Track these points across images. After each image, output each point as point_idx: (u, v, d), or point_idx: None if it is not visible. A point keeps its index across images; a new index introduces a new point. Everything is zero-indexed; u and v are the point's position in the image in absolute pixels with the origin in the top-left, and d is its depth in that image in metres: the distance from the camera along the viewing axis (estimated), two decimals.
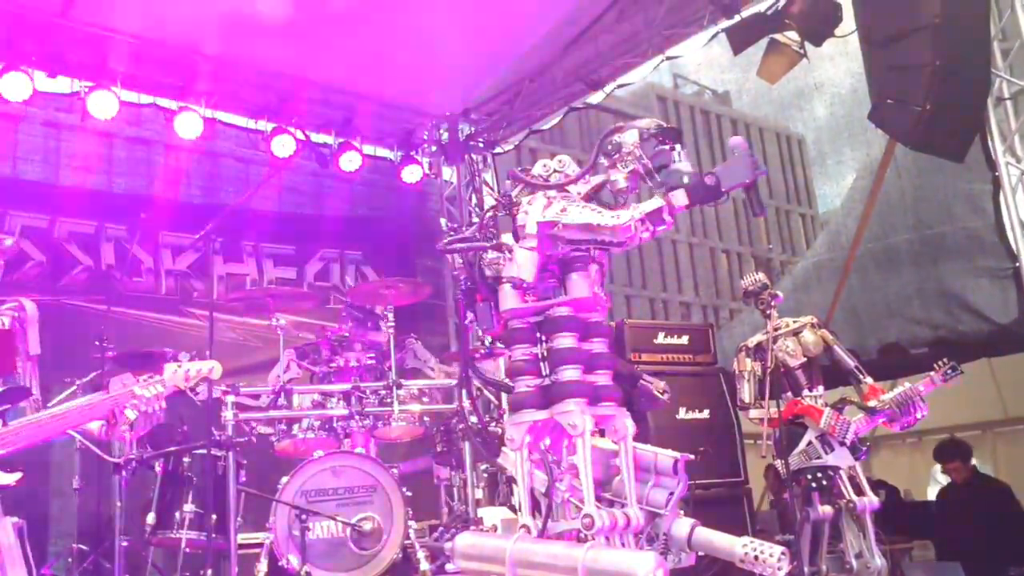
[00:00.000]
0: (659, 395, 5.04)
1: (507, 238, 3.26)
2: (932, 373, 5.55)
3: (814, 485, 5.37)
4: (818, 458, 5.46)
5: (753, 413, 5.72)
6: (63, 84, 7.44)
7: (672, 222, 3.05)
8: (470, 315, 3.41)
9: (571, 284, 3.22)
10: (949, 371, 5.48)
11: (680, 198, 3.02)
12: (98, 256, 8.06)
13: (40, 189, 7.83)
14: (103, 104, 7.33)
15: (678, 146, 3.15)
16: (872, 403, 5.51)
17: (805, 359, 5.70)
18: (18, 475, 3.81)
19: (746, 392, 5.76)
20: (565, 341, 3.15)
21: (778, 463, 5.47)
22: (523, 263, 3.17)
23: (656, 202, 3.02)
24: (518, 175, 3.38)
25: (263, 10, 6.99)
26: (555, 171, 3.37)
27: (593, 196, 3.31)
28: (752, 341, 5.81)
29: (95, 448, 4.68)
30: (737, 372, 5.85)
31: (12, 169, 7.78)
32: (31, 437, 3.84)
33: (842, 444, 5.43)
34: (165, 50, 7.60)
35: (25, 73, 6.98)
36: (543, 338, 3.21)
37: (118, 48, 7.39)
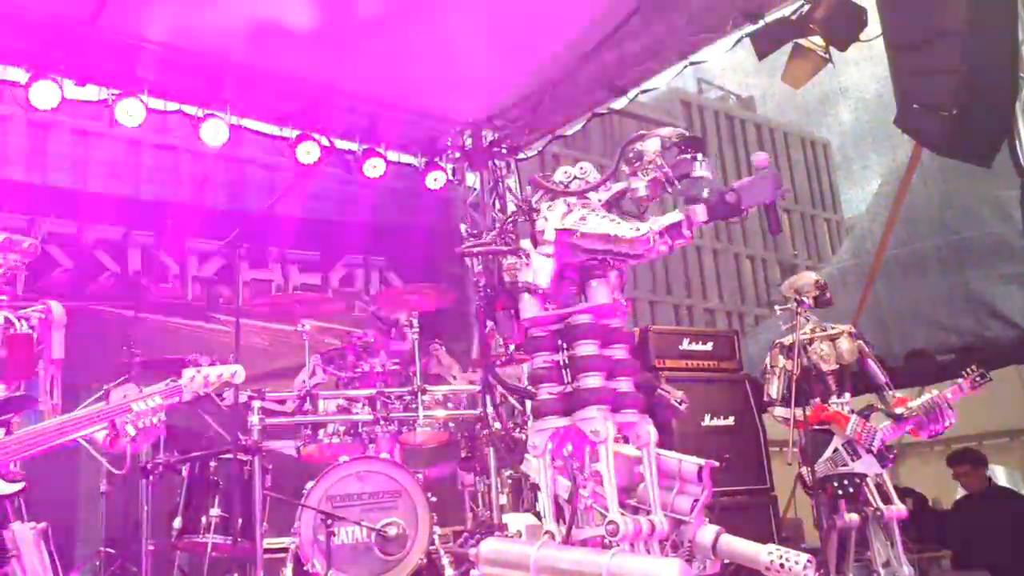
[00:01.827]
0: (677, 405, 5.01)
1: (526, 244, 3.26)
2: (960, 380, 5.50)
3: (840, 492, 5.33)
4: (844, 465, 5.43)
5: (778, 411, 5.69)
6: (91, 92, 7.51)
7: (691, 236, 3.05)
8: (490, 323, 3.42)
9: (591, 291, 3.22)
10: (978, 378, 5.44)
11: (700, 213, 3.01)
12: (125, 262, 8.16)
13: (68, 196, 7.93)
14: (131, 112, 7.40)
15: (700, 155, 3.14)
16: (899, 410, 5.48)
17: (837, 365, 5.66)
18: (20, 485, 3.85)
19: (774, 388, 5.73)
20: (586, 348, 3.15)
21: (804, 470, 5.43)
22: (539, 269, 3.18)
23: (675, 216, 3.02)
24: (539, 181, 3.38)
25: (289, 19, 7.05)
26: (576, 178, 3.37)
27: (614, 203, 3.31)
28: (787, 339, 5.77)
29: (100, 458, 4.67)
30: (768, 368, 5.82)
31: (41, 176, 7.88)
32: (34, 446, 3.86)
33: (869, 451, 5.39)
34: (191, 58, 7.66)
35: (54, 81, 7.06)
36: (564, 345, 3.20)
37: (145, 56, 7.45)
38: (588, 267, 3.23)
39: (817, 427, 5.53)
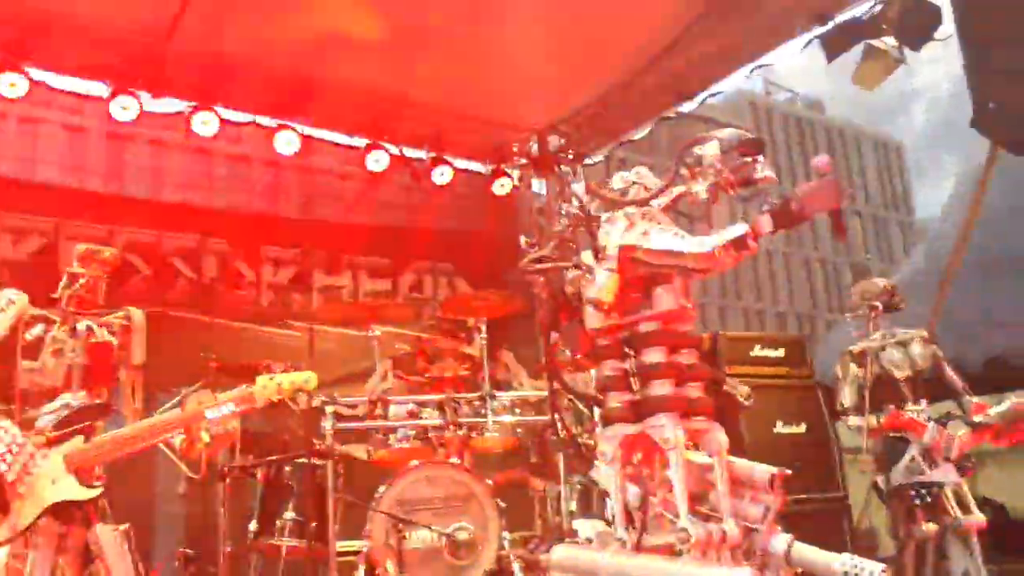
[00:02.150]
0: (743, 401, 4.95)
1: (587, 257, 3.25)
2: None
3: (917, 502, 5.20)
4: (921, 474, 5.30)
5: (852, 420, 5.59)
6: (167, 105, 7.73)
7: (756, 247, 2.98)
8: (554, 335, 3.42)
9: (657, 298, 3.18)
10: None
11: (765, 224, 2.95)
12: (201, 269, 8.36)
13: (146, 206, 8.15)
14: (206, 123, 7.60)
15: (761, 158, 3.10)
16: (978, 418, 5.33)
17: (911, 372, 5.54)
18: (99, 490, 3.97)
19: (846, 397, 5.63)
20: (654, 355, 3.14)
21: (879, 478, 5.33)
22: (603, 285, 3.15)
23: (740, 228, 2.95)
24: (596, 191, 3.37)
25: (358, 30, 7.17)
26: (634, 183, 3.36)
27: (672, 207, 3.29)
28: (858, 346, 5.67)
29: (178, 461, 4.81)
30: (839, 376, 5.72)
31: (120, 187, 8.13)
32: (112, 453, 3.99)
33: (946, 460, 5.26)
34: (264, 70, 7.82)
35: (133, 95, 7.28)
36: (631, 353, 3.18)
37: (220, 69, 7.64)
38: (653, 274, 3.20)
39: (893, 434, 5.41)
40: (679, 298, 3.20)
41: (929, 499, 5.19)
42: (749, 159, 3.10)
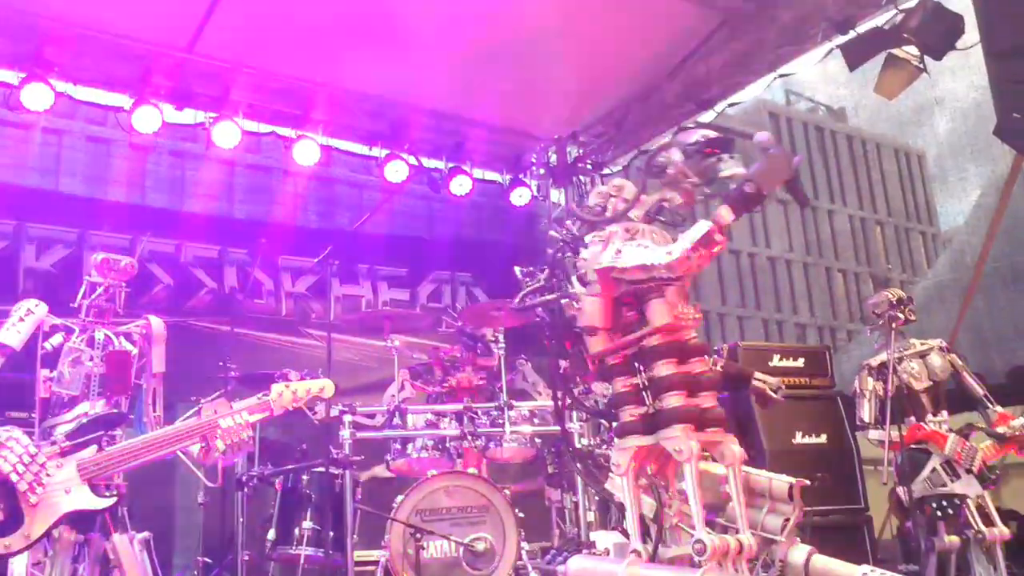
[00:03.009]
0: (772, 394, 4.89)
1: (577, 286, 3.26)
2: None
3: (939, 514, 5.14)
4: (943, 486, 5.24)
5: (872, 434, 5.54)
6: (189, 116, 7.80)
7: (726, 239, 2.98)
8: (563, 362, 3.42)
9: (651, 312, 3.17)
10: None
11: (725, 214, 2.95)
12: (221, 279, 8.42)
13: (167, 215, 8.24)
14: (226, 134, 7.65)
15: (726, 156, 3.10)
16: (1001, 429, 5.28)
17: (931, 383, 5.49)
18: (112, 500, 3.98)
19: (866, 412, 5.59)
20: (664, 368, 3.13)
21: (900, 490, 5.27)
22: (592, 311, 3.18)
23: (703, 227, 2.94)
24: (577, 212, 3.39)
25: (377, 41, 7.20)
26: (611, 196, 3.36)
27: (655, 215, 3.29)
28: (875, 360, 5.63)
29: (195, 470, 4.84)
30: (858, 391, 5.68)
31: (142, 197, 8.21)
32: (126, 462, 4.00)
33: (968, 472, 5.20)
34: (284, 81, 7.89)
35: (155, 106, 7.35)
36: (641, 368, 3.18)
37: (240, 80, 7.71)
38: (640, 290, 3.19)
39: (915, 446, 5.36)
40: (675, 308, 3.17)
41: (951, 511, 5.13)
42: (714, 158, 3.10)
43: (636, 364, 3.19)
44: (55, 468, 3.87)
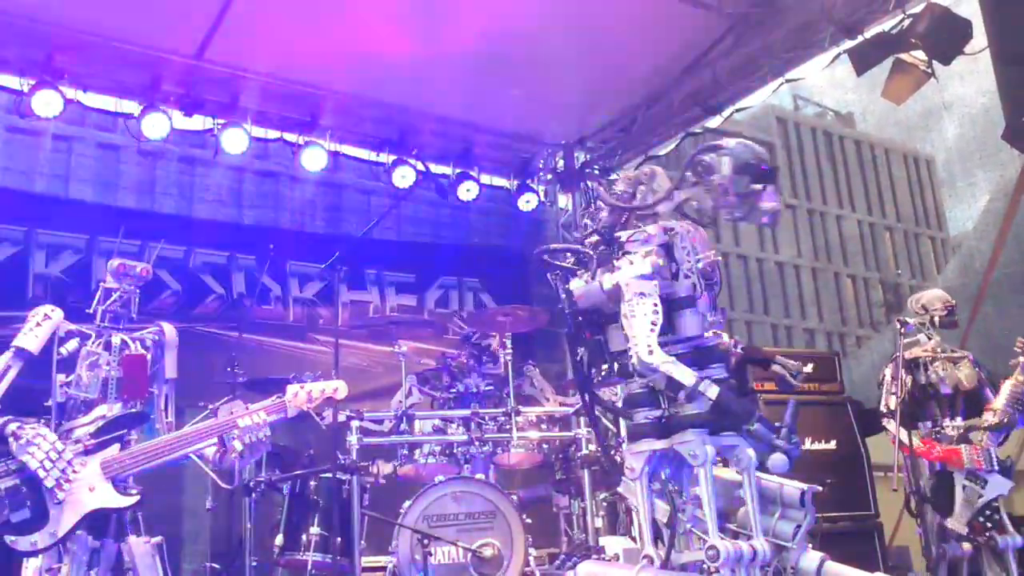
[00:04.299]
0: (791, 377, 4.84)
1: (608, 279, 3.22)
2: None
3: (990, 525, 5.11)
4: (980, 497, 5.21)
5: (890, 426, 5.50)
6: (198, 122, 7.82)
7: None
8: (581, 350, 3.40)
9: (681, 320, 3.16)
10: None
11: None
12: (230, 285, 8.42)
13: (176, 221, 8.27)
14: (235, 140, 7.67)
15: (770, 187, 3.09)
16: (989, 418, 5.26)
17: (954, 390, 5.46)
18: (135, 498, 3.99)
19: (893, 401, 5.54)
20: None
21: (948, 520, 5.23)
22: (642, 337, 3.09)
23: (688, 378, 3.00)
24: (605, 197, 3.36)
25: (385, 47, 7.21)
26: (641, 184, 3.33)
27: (678, 210, 3.27)
28: (909, 353, 5.59)
29: (211, 473, 4.87)
30: (887, 380, 5.61)
31: (151, 203, 8.24)
32: (148, 460, 4.03)
33: (991, 472, 5.18)
34: (292, 87, 7.90)
35: (164, 113, 7.37)
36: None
37: (248, 86, 7.73)
38: (674, 299, 3.18)
39: (939, 470, 5.33)
40: (706, 318, 3.17)
41: (997, 516, 5.11)
42: (759, 187, 3.09)
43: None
44: (80, 466, 3.90)
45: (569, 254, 3.46)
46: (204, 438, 4.14)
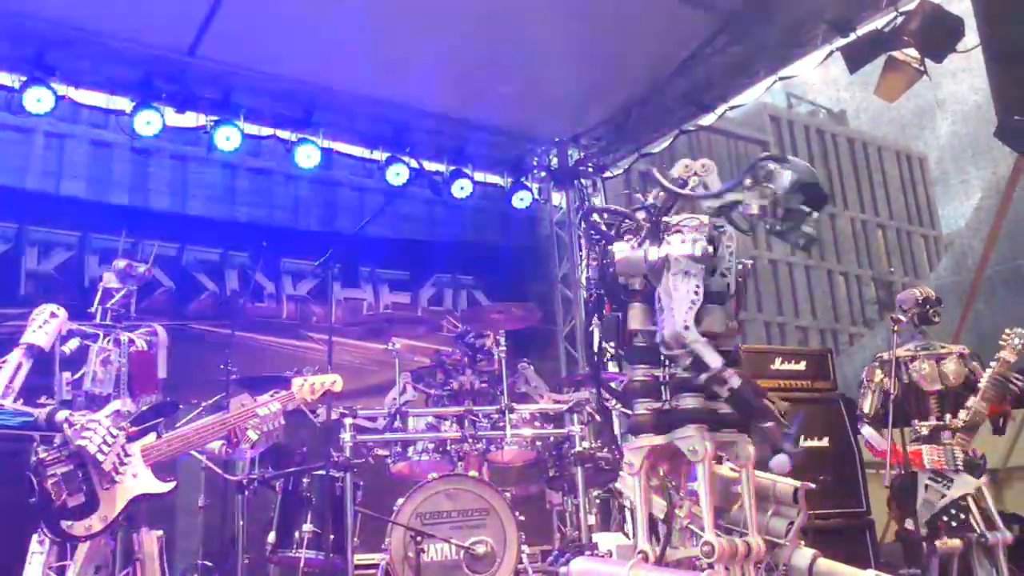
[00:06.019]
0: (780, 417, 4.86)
1: (652, 252, 3.19)
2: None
3: (954, 524, 5.10)
4: (942, 497, 5.20)
5: (866, 430, 5.50)
6: (190, 119, 7.80)
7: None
8: (595, 321, 3.40)
9: (706, 317, 3.15)
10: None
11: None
12: (223, 282, 8.40)
13: (169, 219, 8.22)
14: (228, 137, 7.66)
15: (815, 213, 3.10)
16: (961, 415, 5.23)
17: (941, 387, 5.42)
18: (172, 484, 4.09)
19: (867, 404, 5.52)
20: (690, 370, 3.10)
21: (908, 522, 5.21)
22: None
23: (716, 361, 3.01)
24: (659, 178, 3.34)
25: (378, 44, 7.21)
26: (696, 175, 3.33)
27: (723, 211, 3.25)
28: (887, 355, 5.57)
29: (216, 468, 4.92)
30: (865, 382, 5.61)
31: (144, 200, 8.21)
32: (181, 449, 4.23)
33: (957, 471, 5.16)
34: (285, 84, 7.89)
35: (156, 110, 7.36)
36: (667, 362, 3.14)
37: (241, 83, 7.72)
38: (705, 291, 3.17)
39: (902, 471, 5.31)
40: (729, 318, 3.19)
41: (963, 516, 5.08)
42: (807, 211, 3.09)
43: (662, 356, 3.15)
44: (130, 451, 4.01)
45: (620, 217, 3.43)
46: (227, 428, 4.33)
